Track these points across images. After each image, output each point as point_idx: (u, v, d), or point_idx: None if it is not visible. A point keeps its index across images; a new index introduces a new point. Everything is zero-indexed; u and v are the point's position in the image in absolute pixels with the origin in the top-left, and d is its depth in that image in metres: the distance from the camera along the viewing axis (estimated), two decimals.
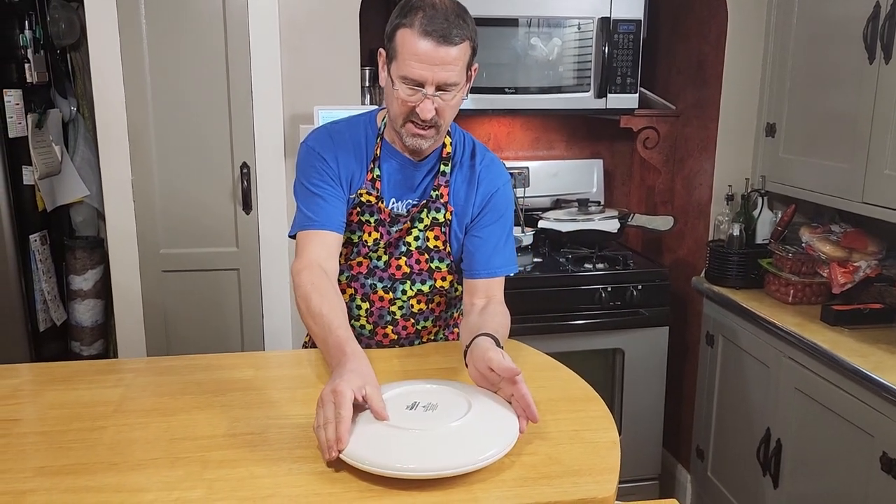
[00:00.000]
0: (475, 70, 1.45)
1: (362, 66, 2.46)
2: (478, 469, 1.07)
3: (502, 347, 1.33)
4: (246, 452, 1.15)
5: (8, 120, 2.30)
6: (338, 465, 1.10)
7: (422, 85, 1.36)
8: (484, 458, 1.08)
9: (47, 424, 1.26)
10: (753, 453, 2.25)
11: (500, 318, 1.47)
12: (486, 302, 1.53)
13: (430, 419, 1.16)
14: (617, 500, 1.09)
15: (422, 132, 1.42)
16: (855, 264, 2.13)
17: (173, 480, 1.08)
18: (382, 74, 1.44)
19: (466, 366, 1.32)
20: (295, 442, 1.18)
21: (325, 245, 1.47)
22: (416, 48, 1.33)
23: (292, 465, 1.12)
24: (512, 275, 1.59)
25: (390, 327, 1.62)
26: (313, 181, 1.50)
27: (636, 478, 2.68)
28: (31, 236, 2.45)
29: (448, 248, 1.56)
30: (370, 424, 1.13)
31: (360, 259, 1.58)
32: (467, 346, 1.34)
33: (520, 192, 2.82)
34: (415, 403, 1.20)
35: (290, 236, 1.54)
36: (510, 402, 1.22)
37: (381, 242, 1.55)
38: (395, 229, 1.54)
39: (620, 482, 1.12)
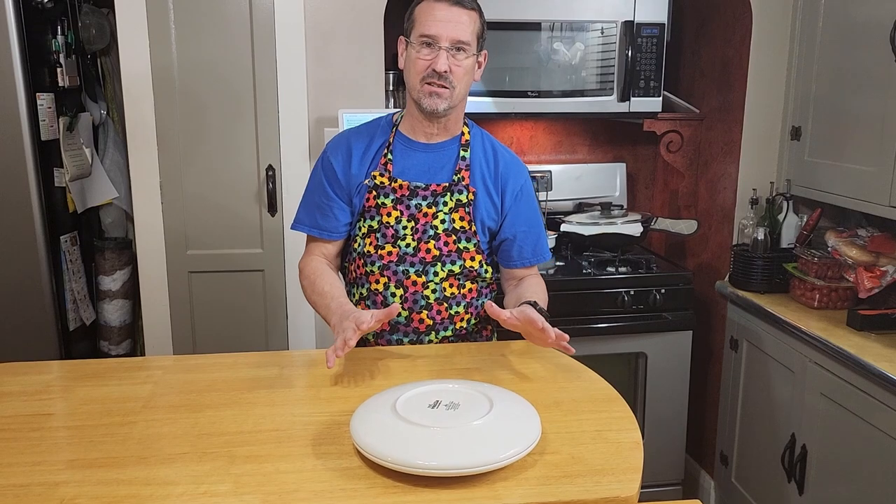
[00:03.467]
0: (485, 56, 1.62)
1: (386, 70, 2.48)
2: (501, 467, 1.08)
3: (545, 309, 1.59)
4: (272, 448, 1.17)
5: (40, 123, 2.35)
6: (361, 461, 1.12)
7: (437, 40, 1.53)
8: (507, 457, 1.08)
9: (78, 419, 1.29)
10: (778, 459, 2.23)
11: (538, 286, 1.71)
12: (523, 278, 1.75)
13: (453, 418, 1.17)
14: (639, 502, 1.09)
15: (438, 91, 1.55)
16: (882, 269, 2.11)
17: (201, 474, 1.10)
18: (401, 59, 1.61)
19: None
20: (320, 438, 1.20)
21: (326, 250, 1.72)
22: (432, 9, 1.54)
23: (317, 462, 1.13)
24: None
25: (425, 312, 1.66)
26: (322, 188, 1.68)
27: (659, 483, 2.66)
28: (61, 237, 2.49)
29: (473, 228, 1.66)
30: (394, 422, 1.15)
31: (389, 248, 1.63)
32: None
33: (542, 195, 2.82)
34: (437, 402, 1.21)
35: (291, 228, 1.74)
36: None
37: (405, 221, 1.62)
38: (414, 203, 1.62)
39: (643, 487, 1.12)
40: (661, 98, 2.65)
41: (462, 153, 1.65)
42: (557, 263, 2.69)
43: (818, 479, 2.10)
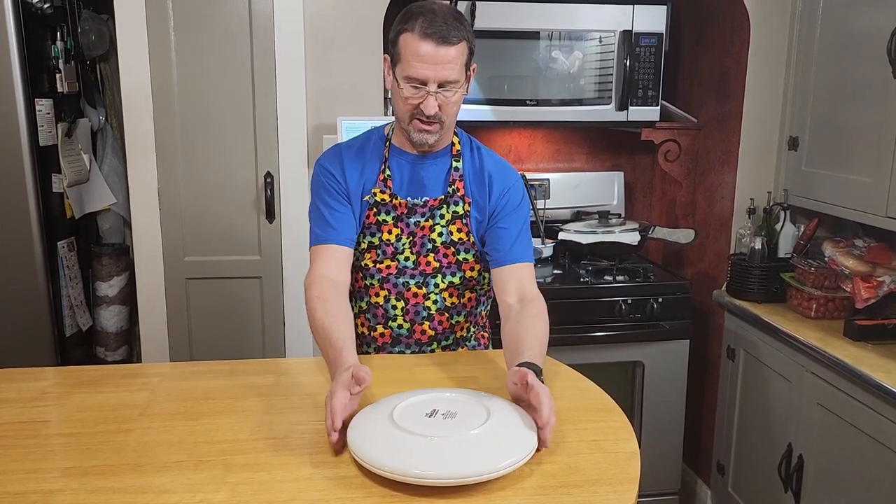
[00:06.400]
0: (474, 70, 1.56)
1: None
2: (498, 477, 1.08)
3: (541, 368, 1.33)
4: (268, 457, 1.17)
5: (39, 129, 2.35)
6: (358, 470, 1.12)
7: (425, 83, 1.46)
8: (504, 466, 1.08)
9: (74, 426, 1.28)
10: (775, 469, 2.23)
11: (538, 325, 1.48)
12: (521, 301, 1.54)
13: (450, 427, 1.17)
14: None
15: (427, 127, 1.52)
16: (879, 279, 2.11)
17: (197, 483, 1.10)
18: (388, 78, 1.54)
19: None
20: (316, 447, 1.20)
21: (336, 259, 1.56)
22: (418, 50, 1.44)
23: (313, 470, 1.13)
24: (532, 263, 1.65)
25: (427, 323, 1.65)
26: (323, 198, 1.61)
27: (655, 492, 2.66)
28: (59, 243, 2.49)
29: (472, 239, 1.63)
30: (391, 431, 1.14)
31: (388, 262, 1.62)
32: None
33: (540, 203, 2.83)
34: (434, 411, 1.21)
35: (310, 247, 1.62)
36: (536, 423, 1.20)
37: (404, 238, 1.61)
38: (413, 220, 1.61)
39: (639, 496, 1.12)
40: (659, 107, 2.66)
41: (454, 164, 1.63)
42: (555, 272, 2.69)
43: (815, 490, 2.10)
